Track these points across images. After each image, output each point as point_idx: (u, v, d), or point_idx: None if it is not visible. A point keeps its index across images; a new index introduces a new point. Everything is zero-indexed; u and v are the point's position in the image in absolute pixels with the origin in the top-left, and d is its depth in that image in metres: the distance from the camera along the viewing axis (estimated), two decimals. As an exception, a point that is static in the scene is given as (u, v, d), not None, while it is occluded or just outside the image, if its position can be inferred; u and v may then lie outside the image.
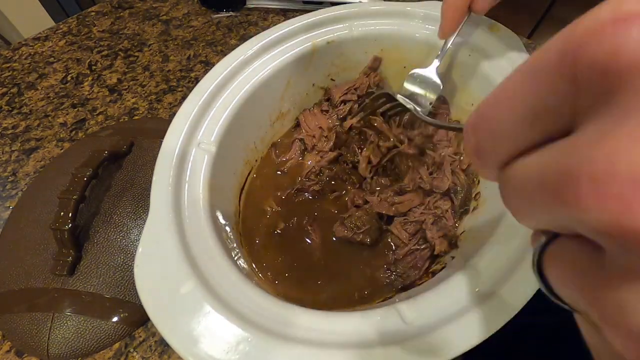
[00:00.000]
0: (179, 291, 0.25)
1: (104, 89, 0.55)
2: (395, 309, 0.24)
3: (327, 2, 0.59)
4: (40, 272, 0.36)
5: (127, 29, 0.63)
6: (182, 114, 0.33)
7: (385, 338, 0.23)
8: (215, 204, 0.31)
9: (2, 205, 0.43)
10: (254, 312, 0.24)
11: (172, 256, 0.26)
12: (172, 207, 0.28)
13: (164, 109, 0.52)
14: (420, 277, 0.33)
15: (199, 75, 0.56)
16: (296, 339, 0.23)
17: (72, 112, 0.52)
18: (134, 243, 0.37)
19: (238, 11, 0.65)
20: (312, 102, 0.44)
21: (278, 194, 0.39)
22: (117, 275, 0.36)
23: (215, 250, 0.28)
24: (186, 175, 0.31)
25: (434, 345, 0.22)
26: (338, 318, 0.24)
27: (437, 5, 0.40)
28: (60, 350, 0.33)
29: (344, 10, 0.41)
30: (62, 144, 0.49)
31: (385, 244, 0.36)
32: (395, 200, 0.36)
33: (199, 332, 0.23)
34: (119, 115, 0.52)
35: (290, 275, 0.35)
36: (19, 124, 0.51)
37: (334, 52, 0.41)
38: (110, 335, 0.34)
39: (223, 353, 0.22)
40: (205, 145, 0.33)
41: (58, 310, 0.34)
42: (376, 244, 0.36)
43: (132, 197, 0.40)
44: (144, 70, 0.57)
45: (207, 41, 0.60)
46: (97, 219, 0.38)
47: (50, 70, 0.57)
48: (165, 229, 0.27)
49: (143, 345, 0.34)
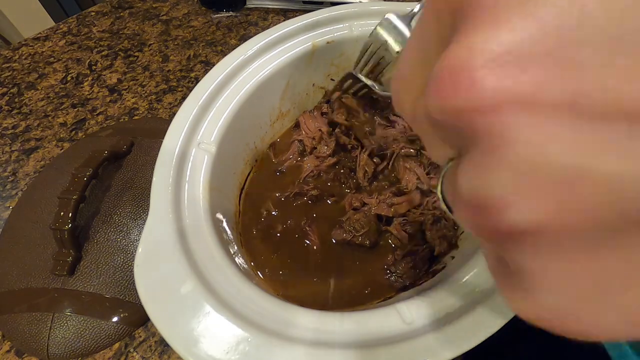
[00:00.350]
0: (179, 291, 0.25)
1: (104, 89, 0.55)
2: (395, 309, 0.24)
3: (327, 2, 0.59)
4: (40, 272, 0.36)
5: (127, 29, 0.63)
6: (182, 114, 0.33)
7: (385, 338, 0.23)
8: (215, 204, 0.31)
9: (2, 205, 0.43)
10: (254, 312, 0.24)
11: (172, 256, 0.26)
12: (172, 207, 0.28)
13: (164, 109, 0.52)
14: (420, 277, 0.33)
15: (199, 75, 0.56)
16: (296, 339, 0.23)
17: (72, 112, 0.52)
18: (134, 243, 0.37)
19: (238, 11, 0.65)
20: (312, 102, 0.44)
21: (277, 194, 0.39)
22: (117, 275, 0.36)
23: (215, 250, 0.28)
24: (186, 175, 0.31)
25: (434, 345, 0.22)
26: (338, 318, 0.24)
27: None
28: (60, 350, 0.33)
29: (344, 10, 0.41)
30: (62, 144, 0.49)
31: (385, 245, 0.36)
32: (393, 202, 0.36)
33: (199, 332, 0.23)
34: (119, 115, 0.52)
35: (290, 275, 0.35)
36: (19, 124, 0.51)
37: (334, 52, 0.41)
38: (110, 335, 0.34)
39: (223, 353, 0.22)
40: (205, 145, 0.33)
41: (58, 310, 0.34)
42: (376, 245, 0.36)
43: (132, 197, 0.40)
44: (144, 70, 0.57)
45: (207, 41, 0.60)
46: (97, 219, 0.38)
47: (50, 70, 0.57)
48: (165, 229, 0.27)
49: (143, 345, 0.34)
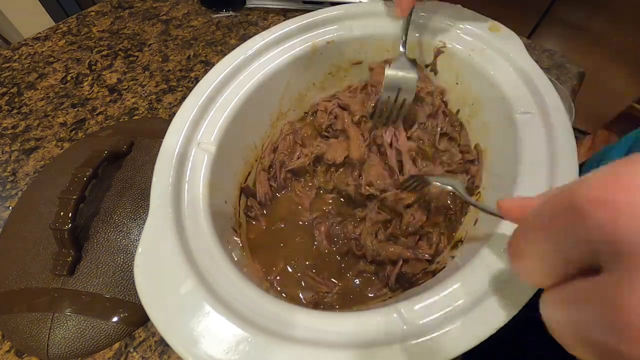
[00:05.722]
0: (179, 291, 0.25)
1: (104, 89, 0.55)
2: (395, 309, 0.24)
3: (327, 2, 0.59)
4: (40, 272, 0.36)
5: (127, 28, 0.63)
6: (182, 114, 0.33)
7: (385, 338, 0.23)
8: (215, 204, 0.31)
9: (2, 205, 0.43)
10: (254, 312, 0.24)
11: (172, 256, 0.26)
12: (172, 207, 0.28)
13: (163, 109, 0.52)
14: (420, 277, 0.33)
15: (199, 75, 0.56)
16: (296, 339, 0.23)
17: (72, 112, 0.52)
18: (134, 243, 0.37)
19: (238, 11, 0.65)
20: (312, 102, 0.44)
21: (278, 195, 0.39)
22: (117, 275, 0.36)
23: (215, 250, 0.28)
24: (186, 175, 0.31)
25: (434, 345, 0.22)
26: (338, 318, 0.24)
27: (437, 6, 0.40)
28: (60, 350, 0.33)
29: (344, 10, 0.41)
30: (62, 144, 0.49)
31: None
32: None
33: (199, 332, 0.23)
34: (119, 115, 0.52)
35: (290, 275, 0.35)
36: (19, 123, 0.51)
37: (334, 52, 0.41)
38: (110, 335, 0.34)
39: (223, 353, 0.22)
40: (205, 145, 0.33)
41: (58, 310, 0.34)
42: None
43: (132, 197, 0.40)
44: (144, 70, 0.57)
45: (207, 41, 0.60)
46: (97, 219, 0.38)
47: (50, 70, 0.57)
48: (165, 229, 0.27)
49: (143, 345, 0.34)
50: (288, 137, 0.41)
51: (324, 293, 0.34)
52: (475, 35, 0.38)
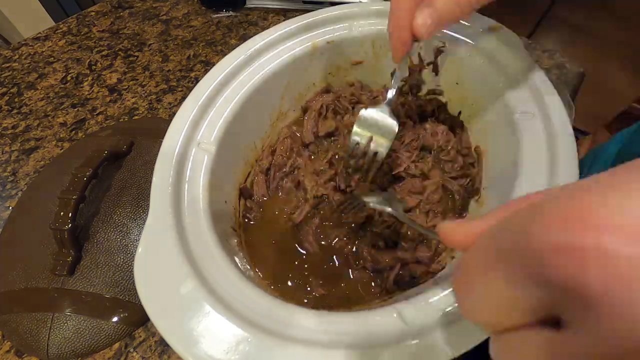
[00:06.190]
0: (178, 291, 0.25)
1: (104, 88, 0.55)
2: (395, 309, 0.24)
3: (327, 2, 0.59)
4: (40, 272, 0.36)
5: (127, 28, 0.63)
6: (182, 114, 0.33)
7: (385, 338, 0.23)
8: (215, 204, 0.31)
9: (2, 205, 0.43)
10: (254, 312, 0.24)
11: (172, 256, 0.26)
12: (172, 207, 0.28)
13: (163, 109, 0.52)
14: (420, 277, 0.33)
15: (199, 75, 0.56)
16: (296, 339, 0.23)
17: (72, 112, 0.52)
18: (134, 243, 0.37)
19: (238, 11, 0.65)
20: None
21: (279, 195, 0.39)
22: (117, 275, 0.36)
23: (215, 250, 0.28)
24: (186, 175, 0.31)
25: (434, 345, 0.22)
26: (338, 318, 0.24)
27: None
28: (60, 350, 0.33)
29: (344, 10, 0.41)
30: (62, 144, 0.49)
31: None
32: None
33: (199, 332, 0.23)
34: (118, 115, 0.52)
35: (290, 275, 0.35)
36: (19, 123, 0.51)
37: (334, 52, 0.41)
38: (110, 335, 0.34)
39: (223, 353, 0.22)
40: (205, 145, 0.33)
41: (58, 310, 0.34)
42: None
43: (132, 197, 0.40)
44: (144, 70, 0.57)
45: (207, 41, 0.60)
46: (97, 219, 0.38)
47: (50, 70, 0.57)
48: (165, 229, 0.27)
49: (143, 345, 0.34)
50: (286, 140, 0.41)
51: (323, 295, 0.34)
52: (476, 35, 0.38)
